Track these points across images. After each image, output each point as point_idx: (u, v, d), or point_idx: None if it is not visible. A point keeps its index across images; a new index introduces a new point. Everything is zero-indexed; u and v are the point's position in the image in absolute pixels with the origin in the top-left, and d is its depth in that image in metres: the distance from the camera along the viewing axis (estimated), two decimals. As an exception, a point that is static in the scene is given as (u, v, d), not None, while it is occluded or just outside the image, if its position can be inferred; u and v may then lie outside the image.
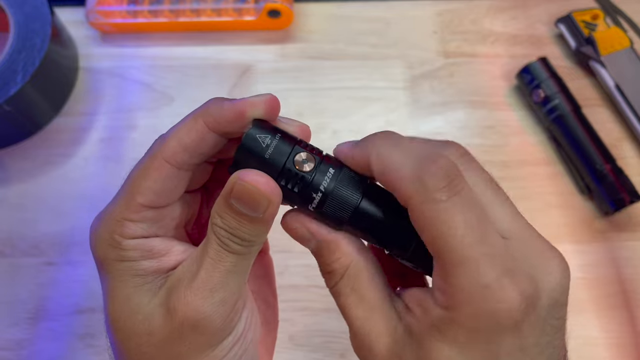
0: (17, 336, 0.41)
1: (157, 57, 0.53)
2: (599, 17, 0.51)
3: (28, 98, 0.46)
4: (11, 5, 0.48)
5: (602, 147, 0.45)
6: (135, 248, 0.21)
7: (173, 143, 0.22)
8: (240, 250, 0.21)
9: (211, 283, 0.20)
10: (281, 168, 0.21)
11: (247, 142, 0.21)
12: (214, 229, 0.21)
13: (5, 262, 0.44)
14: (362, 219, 0.21)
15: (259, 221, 0.20)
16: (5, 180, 0.47)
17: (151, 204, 0.22)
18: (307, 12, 0.55)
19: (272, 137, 0.21)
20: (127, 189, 0.22)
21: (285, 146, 0.21)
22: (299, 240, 0.23)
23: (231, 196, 0.20)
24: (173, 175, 0.22)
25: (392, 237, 0.22)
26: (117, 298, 0.21)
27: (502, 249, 0.19)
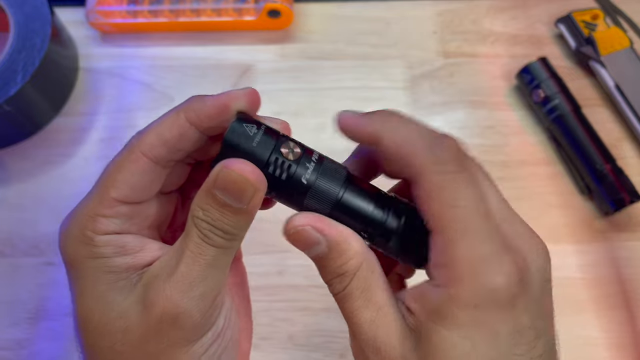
0: (17, 336, 0.41)
1: (157, 57, 0.53)
2: (598, 17, 0.51)
3: (28, 98, 0.46)
4: (11, 5, 0.48)
5: (602, 147, 0.45)
6: (108, 244, 0.21)
7: (152, 137, 0.21)
8: (221, 243, 0.20)
9: (191, 277, 0.20)
10: (268, 156, 0.21)
11: (234, 131, 0.21)
12: (195, 222, 0.20)
13: (5, 262, 0.44)
14: (351, 202, 0.21)
15: (242, 212, 0.20)
16: (5, 180, 0.47)
17: (125, 199, 0.21)
18: (307, 12, 0.55)
19: (258, 128, 0.21)
20: (101, 183, 0.22)
21: (271, 136, 0.21)
22: (306, 244, 0.21)
23: (215, 185, 0.20)
24: (150, 169, 0.21)
25: (378, 222, 0.22)
26: (89, 297, 0.21)
27: (499, 227, 0.20)
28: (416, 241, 0.21)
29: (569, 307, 0.42)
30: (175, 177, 0.24)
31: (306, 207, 0.22)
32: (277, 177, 0.21)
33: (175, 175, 0.24)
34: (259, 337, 0.41)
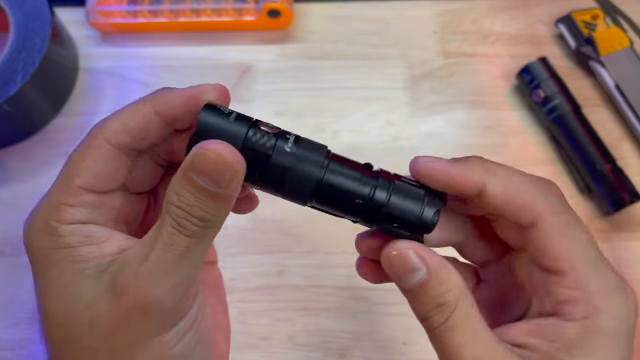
0: (16, 336, 0.41)
1: (157, 57, 0.53)
2: (598, 17, 0.51)
3: (28, 98, 0.46)
4: (11, 5, 0.48)
5: (602, 147, 0.45)
6: (73, 234, 0.20)
7: (115, 124, 0.21)
8: (196, 231, 0.19)
9: (163, 266, 0.19)
10: (246, 132, 0.20)
11: (207, 110, 0.20)
12: (168, 209, 0.19)
13: (5, 262, 0.44)
14: (339, 172, 0.21)
15: (220, 198, 0.19)
16: (5, 180, 0.47)
17: (90, 187, 0.21)
18: (307, 12, 0.55)
19: (231, 111, 0.21)
20: (65, 172, 0.21)
21: (244, 117, 0.21)
22: (406, 269, 0.20)
23: (192, 168, 0.19)
24: (113, 157, 0.21)
25: (368, 190, 0.21)
26: (55, 290, 0.20)
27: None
28: (410, 209, 0.21)
29: (569, 307, 0.42)
30: (146, 177, 0.24)
31: (289, 185, 0.21)
32: (258, 153, 0.20)
33: (145, 175, 0.24)
34: (259, 337, 0.41)
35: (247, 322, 0.42)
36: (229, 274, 0.43)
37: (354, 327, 0.41)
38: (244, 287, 0.43)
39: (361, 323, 0.41)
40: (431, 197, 0.21)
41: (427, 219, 0.21)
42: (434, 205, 0.21)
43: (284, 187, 0.21)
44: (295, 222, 0.45)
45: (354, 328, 0.41)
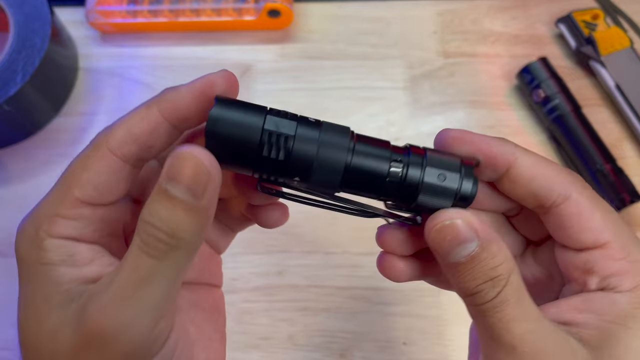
0: (17, 336, 0.41)
1: (157, 57, 0.53)
2: (599, 17, 0.51)
3: (28, 98, 0.46)
4: (11, 5, 0.47)
5: (603, 147, 0.45)
6: (57, 250, 0.19)
7: (120, 132, 0.19)
8: (164, 251, 0.17)
9: (125, 294, 0.17)
10: (263, 122, 0.19)
11: (220, 105, 0.19)
12: (139, 226, 0.17)
13: (5, 262, 0.44)
14: (367, 152, 0.20)
15: (195, 211, 0.17)
16: (5, 180, 0.47)
17: (89, 200, 0.19)
18: (307, 12, 0.55)
19: (244, 103, 0.19)
20: (64, 181, 0.19)
21: (259, 107, 0.19)
22: (456, 240, 0.18)
23: (166, 175, 0.17)
24: (117, 168, 0.19)
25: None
26: (28, 308, 0.19)
27: None
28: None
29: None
30: (151, 186, 0.22)
31: (316, 175, 0.19)
32: (278, 145, 0.19)
33: (150, 183, 0.22)
34: (259, 337, 0.41)
35: (247, 322, 0.42)
36: (230, 274, 0.43)
37: (354, 327, 0.41)
38: (244, 287, 0.43)
39: (361, 323, 0.41)
40: (467, 167, 0.20)
41: (466, 192, 0.19)
42: (471, 176, 0.20)
43: (310, 177, 0.19)
44: (295, 222, 0.44)
45: (354, 328, 0.41)
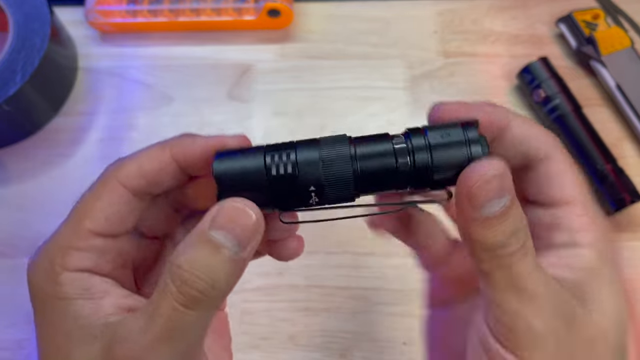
0: (16, 336, 0.41)
1: (156, 56, 0.53)
2: (599, 16, 0.51)
3: (27, 98, 0.46)
4: (10, 5, 0.47)
5: (603, 147, 0.45)
6: (73, 284, 0.19)
7: (131, 166, 0.20)
8: (203, 301, 0.17)
9: (160, 340, 0.17)
10: (264, 162, 0.19)
11: (221, 158, 0.20)
12: (173, 272, 0.17)
13: (5, 262, 0.44)
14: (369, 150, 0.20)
15: (237, 262, 0.18)
16: (5, 180, 0.47)
17: (101, 231, 0.20)
18: (306, 12, 0.54)
19: (241, 149, 0.20)
20: (76, 213, 0.20)
21: (257, 147, 0.20)
22: (491, 197, 0.18)
23: (212, 224, 0.18)
24: (127, 200, 0.20)
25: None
26: (49, 345, 0.19)
27: None
28: (456, 155, 0.19)
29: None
30: (160, 221, 0.23)
31: (329, 193, 0.19)
32: (284, 177, 0.19)
33: (159, 219, 0.23)
34: (259, 337, 0.41)
35: (247, 323, 0.42)
36: (229, 274, 0.43)
37: (354, 327, 0.41)
38: (245, 288, 0.43)
39: (361, 323, 0.41)
40: (469, 129, 0.20)
41: (478, 156, 0.19)
42: (474, 128, 0.20)
43: (324, 196, 0.20)
44: (296, 222, 0.44)
45: (354, 328, 0.41)
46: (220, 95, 0.50)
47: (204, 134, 0.22)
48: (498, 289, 0.19)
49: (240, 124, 0.49)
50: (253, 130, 0.49)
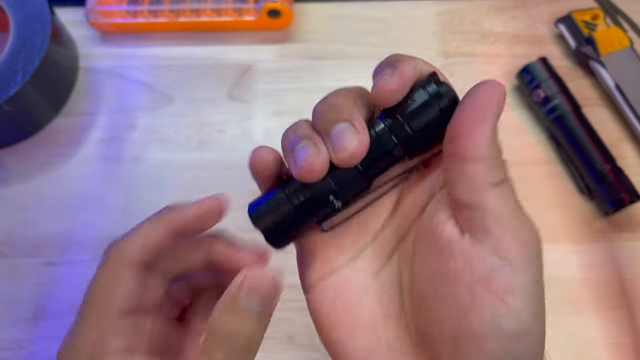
0: (16, 336, 0.41)
1: (157, 57, 0.53)
2: (599, 17, 0.51)
3: (28, 98, 0.46)
4: (11, 5, 0.48)
5: (602, 147, 0.45)
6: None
7: (135, 247, 0.22)
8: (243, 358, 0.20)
9: None
10: (284, 195, 0.22)
11: (253, 208, 0.23)
12: (217, 340, 0.19)
13: (5, 262, 0.44)
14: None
15: (263, 317, 0.20)
16: (5, 180, 0.47)
17: (128, 309, 0.21)
18: (307, 12, 0.55)
19: (264, 197, 0.23)
20: (95, 300, 0.21)
21: (276, 185, 0.23)
22: (502, 100, 0.20)
23: (242, 291, 0.20)
24: (140, 275, 0.22)
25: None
26: None
27: None
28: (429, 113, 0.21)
29: (569, 307, 0.42)
30: (175, 295, 0.24)
31: (343, 194, 0.22)
32: (306, 201, 0.21)
33: (175, 293, 0.24)
34: (259, 337, 0.41)
35: (247, 322, 0.42)
36: (229, 274, 0.43)
37: (354, 327, 0.41)
38: (244, 287, 0.43)
39: (361, 323, 0.41)
40: (428, 85, 0.21)
41: (445, 105, 0.21)
42: (436, 91, 0.21)
43: (344, 198, 0.21)
44: (295, 222, 0.45)
45: (354, 328, 0.41)
46: (221, 96, 0.51)
47: (204, 134, 0.23)
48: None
49: (240, 124, 0.49)
50: (253, 130, 0.49)
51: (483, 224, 0.18)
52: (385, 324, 0.22)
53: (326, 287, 0.23)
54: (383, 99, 0.20)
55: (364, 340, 0.22)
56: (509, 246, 0.18)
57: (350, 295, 0.22)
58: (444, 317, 0.19)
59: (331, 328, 0.22)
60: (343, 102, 0.21)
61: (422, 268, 0.20)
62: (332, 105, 0.21)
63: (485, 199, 0.18)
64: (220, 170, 0.47)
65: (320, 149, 0.20)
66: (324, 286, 0.23)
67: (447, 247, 0.19)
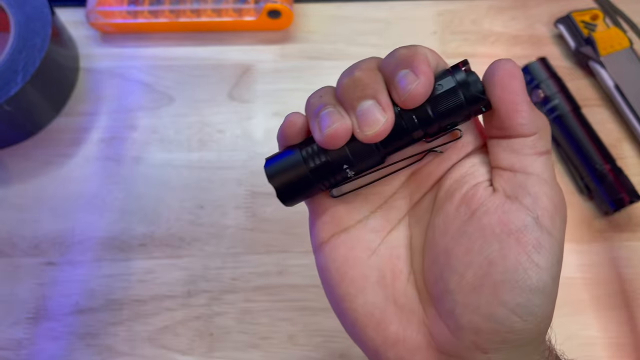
0: (17, 336, 0.41)
1: (157, 57, 0.53)
2: (598, 17, 0.51)
3: (28, 98, 0.46)
4: (12, 5, 0.48)
5: (602, 147, 0.45)
6: None
7: None
8: None
9: None
10: (301, 157, 0.22)
11: (270, 162, 0.23)
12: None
13: (5, 262, 0.44)
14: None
15: None
16: (6, 180, 0.47)
17: None
18: (307, 13, 0.55)
19: (282, 153, 0.23)
20: None
21: (293, 147, 0.23)
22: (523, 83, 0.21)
23: None
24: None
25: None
26: None
27: None
28: (454, 98, 0.21)
29: (569, 307, 0.42)
30: None
31: (359, 163, 0.22)
32: (322, 165, 0.22)
33: None
34: (259, 337, 0.41)
35: (247, 322, 0.42)
36: (230, 274, 0.43)
37: (354, 326, 0.41)
38: (245, 287, 0.43)
39: (361, 323, 0.41)
40: (457, 72, 0.21)
41: (470, 95, 0.21)
42: (464, 79, 0.21)
43: (358, 168, 0.22)
44: (295, 222, 0.45)
45: (354, 328, 0.41)
46: (221, 96, 0.51)
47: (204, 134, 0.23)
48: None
49: (240, 124, 0.49)
50: (253, 130, 0.49)
51: (524, 185, 0.20)
52: (393, 281, 0.23)
53: (338, 244, 0.23)
54: (413, 103, 0.21)
55: (372, 295, 0.22)
56: (544, 205, 0.20)
57: (360, 252, 0.23)
58: (466, 269, 0.20)
59: (341, 282, 0.23)
60: (368, 76, 0.21)
61: (446, 226, 0.22)
62: (357, 80, 0.21)
63: (531, 166, 0.20)
64: (220, 170, 0.47)
65: (345, 118, 0.20)
66: (335, 243, 0.23)
67: (481, 206, 0.21)
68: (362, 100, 0.20)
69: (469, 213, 0.21)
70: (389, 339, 0.22)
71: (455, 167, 0.23)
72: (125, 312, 0.42)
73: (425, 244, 0.23)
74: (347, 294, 0.23)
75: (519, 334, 0.20)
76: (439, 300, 0.21)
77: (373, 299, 0.22)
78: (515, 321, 0.19)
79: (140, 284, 0.43)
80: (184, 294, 0.43)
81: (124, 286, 0.43)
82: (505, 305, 0.19)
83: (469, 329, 0.20)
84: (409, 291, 0.23)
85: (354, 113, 0.20)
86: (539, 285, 0.19)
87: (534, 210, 0.20)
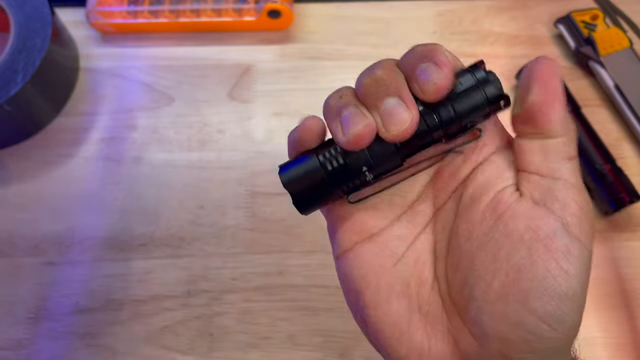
0: (17, 336, 0.41)
1: (157, 57, 0.53)
2: (598, 17, 0.51)
3: (28, 98, 0.46)
4: (12, 5, 0.48)
5: (602, 147, 0.45)
6: None
7: None
8: None
9: None
10: (318, 162, 0.22)
11: (284, 169, 0.22)
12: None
13: (5, 262, 0.44)
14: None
15: None
16: (6, 180, 0.47)
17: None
18: (307, 13, 0.55)
19: (296, 159, 0.22)
20: None
21: (307, 151, 0.23)
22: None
23: None
24: None
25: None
26: None
27: None
28: (474, 99, 0.21)
29: (568, 307, 0.42)
30: None
31: (378, 166, 0.22)
32: (340, 169, 0.21)
33: None
34: (259, 337, 0.41)
35: (247, 322, 0.42)
36: (230, 274, 0.43)
37: (354, 326, 0.41)
38: (245, 287, 0.43)
39: (361, 323, 0.41)
40: (476, 71, 0.21)
41: (492, 92, 0.21)
42: (484, 77, 0.21)
43: (377, 171, 0.22)
44: (295, 222, 0.45)
45: (354, 328, 0.41)
46: (221, 96, 0.51)
47: (204, 134, 0.23)
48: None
49: (240, 124, 0.49)
50: (253, 130, 0.49)
51: (553, 190, 0.20)
52: (418, 289, 0.22)
53: (363, 251, 0.23)
54: (436, 95, 0.20)
55: (397, 304, 0.22)
56: (572, 211, 0.19)
57: (385, 260, 0.22)
58: (493, 276, 0.20)
59: (365, 290, 0.22)
60: (389, 75, 0.21)
61: (470, 232, 0.21)
62: (379, 79, 0.21)
63: (559, 170, 0.20)
64: (220, 170, 0.47)
65: (369, 118, 0.20)
66: (360, 250, 0.23)
67: (508, 211, 0.20)
68: (386, 98, 0.20)
69: (495, 218, 0.20)
70: (413, 348, 0.21)
71: (479, 170, 0.22)
72: (125, 312, 0.42)
73: (449, 250, 0.22)
74: (370, 303, 0.22)
75: (547, 343, 0.19)
76: (463, 307, 0.21)
77: (397, 308, 0.22)
78: (544, 329, 0.19)
79: (140, 284, 0.43)
80: (184, 294, 0.43)
81: (123, 286, 0.43)
82: (534, 313, 0.19)
83: (496, 338, 0.19)
84: (433, 299, 0.22)
85: (378, 112, 0.20)
86: (568, 293, 0.19)
87: (562, 216, 0.19)
